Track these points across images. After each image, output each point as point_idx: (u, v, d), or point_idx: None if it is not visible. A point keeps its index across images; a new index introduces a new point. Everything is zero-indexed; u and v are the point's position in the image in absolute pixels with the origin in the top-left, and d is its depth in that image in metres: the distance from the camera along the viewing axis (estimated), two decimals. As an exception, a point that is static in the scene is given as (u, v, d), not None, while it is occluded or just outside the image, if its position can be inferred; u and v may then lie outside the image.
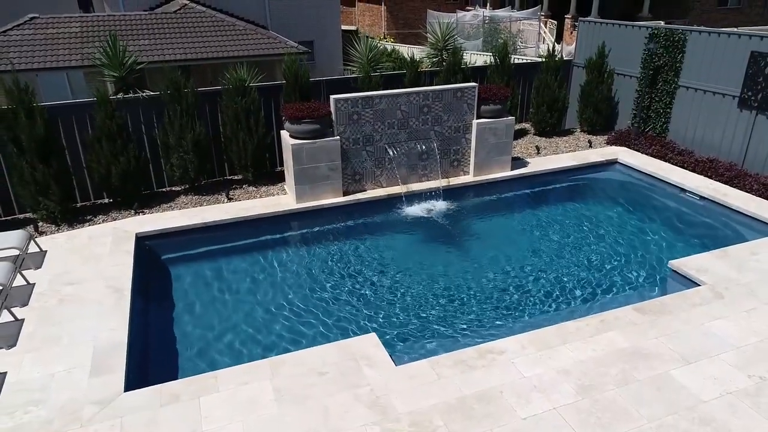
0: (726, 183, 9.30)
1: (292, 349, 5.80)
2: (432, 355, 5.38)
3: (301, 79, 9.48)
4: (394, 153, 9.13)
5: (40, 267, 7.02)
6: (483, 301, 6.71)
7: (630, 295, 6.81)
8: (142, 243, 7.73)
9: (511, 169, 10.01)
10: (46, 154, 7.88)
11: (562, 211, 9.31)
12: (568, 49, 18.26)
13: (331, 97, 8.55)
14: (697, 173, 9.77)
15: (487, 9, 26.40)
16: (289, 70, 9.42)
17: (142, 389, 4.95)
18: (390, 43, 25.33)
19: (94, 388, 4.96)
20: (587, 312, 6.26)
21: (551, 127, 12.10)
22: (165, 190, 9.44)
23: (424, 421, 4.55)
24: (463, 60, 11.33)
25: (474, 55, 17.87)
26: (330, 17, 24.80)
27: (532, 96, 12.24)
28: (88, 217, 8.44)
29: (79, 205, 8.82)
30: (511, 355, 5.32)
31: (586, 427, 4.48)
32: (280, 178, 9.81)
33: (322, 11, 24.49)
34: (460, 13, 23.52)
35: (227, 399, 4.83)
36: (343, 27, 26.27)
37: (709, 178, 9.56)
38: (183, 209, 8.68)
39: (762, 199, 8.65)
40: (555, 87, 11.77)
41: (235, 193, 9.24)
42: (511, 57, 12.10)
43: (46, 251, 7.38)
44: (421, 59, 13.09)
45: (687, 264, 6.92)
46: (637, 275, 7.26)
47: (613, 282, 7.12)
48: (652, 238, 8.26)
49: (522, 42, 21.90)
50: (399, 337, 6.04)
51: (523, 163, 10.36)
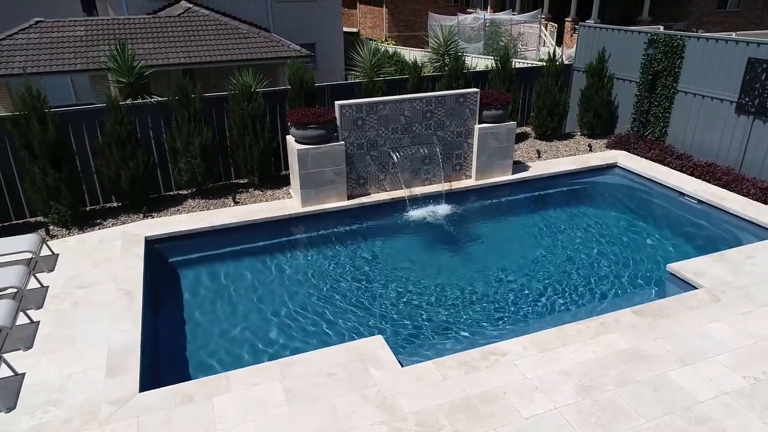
0: (724, 187, 9.46)
1: (300, 349, 5.98)
2: (437, 357, 5.54)
3: (306, 85, 9.64)
4: (397, 157, 9.29)
5: (53, 270, 7.18)
6: (485, 303, 6.87)
7: (629, 297, 6.97)
8: (152, 246, 7.90)
9: (513, 173, 10.17)
10: (58, 159, 8.05)
11: (563, 214, 9.46)
12: (568, 52, 18.41)
13: (336, 103, 8.71)
14: (696, 177, 9.93)
15: (488, 12, 26.57)
16: (294, 76, 9.59)
17: (157, 390, 5.12)
18: (391, 45, 25.47)
19: (110, 388, 5.13)
20: (587, 314, 6.41)
21: (552, 130, 12.27)
22: (172, 193, 9.61)
23: (430, 421, 4.71)
24: (464, 65, 11.50)
25: (475, 59, 18.03)
26: (331, 20, 24.97)
27: (533, 100, 12.41)
28: (98, 220, 8.60)
29: (88, 208, 8.99)
30: (513, 357, 5.48)
31: (586, 427, 4.65)
32: (285, 182, 9.98)
33: (324, 14, 24.66)
34: (461, 16, 23.69)
35: (239, 399, 4.99)
36: (345, 29, 26.44)
37: (707, 182, 9.72)
38: (191, 213, 8.84)
39: (759, 203, 8.81)
40: (556, 91, 11.93)
41: (241, 196, 9.41)
42: (512, 61, 12.27)
43: (58, 254, 7.55)
44: (423, 64, 13.27)
45: (685, 267, 7.09)
46: (636, 278, 7.43)
47: (613, 285, 7.29)
48: (650, 241, 8.42)
49: (523, 45, 22.06)
50: (404, 338, 6.21)
51: (525, 167, 10.52)
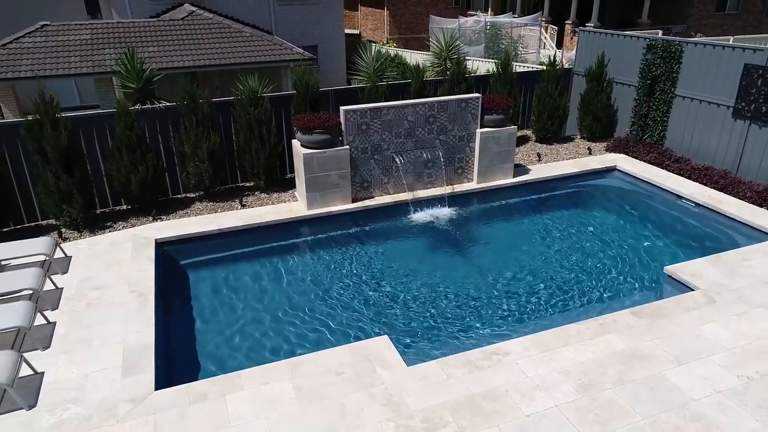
0: (720, 190, 9.65)
1: (308, 347, 6.19)
2: (441, 356, 5.73)
3: (311, 90, 9.83)
4: (401, 161, 9.49)
5: (66, 272, 7.38)
6: (487, 304, 7.07)
7: (627, 299, 7.17)
8: (162, 248, 8.09)
9: (514, 176, 10.37)
10: (70, 163, 8.24)
11: (563, 217, 9.65)
12: (568, 55, 18.62)
13: (341, 108, 8.90)
14: (693, 180, 10.13)
15: (489, 15, 26.76)
16: (299, 81, 9.78)
17: (172, 388, 5.31)
18: (393, 47, 25.66)
19: (126, 387, 5.32)
20: (587, 315, 6.60)
21: (552, 134, 12.46)
22: (180, 196, 9.80)
23: (435, 418, 4.91)
24: (466, 69, 11.69)
25: (476, 62, 18.22)
26: (333, 22, 25.15)
27: (534, 104, 12.60)
28: (108, 223, 8.80)
29: (98, 211, 9.18)
30: (515, 357, 5.68)
31: (585, 424, 4.84)
32: (290, 185, 10.17)
33: (326, 16, 24.85)
34: (462, 19, 23.89)
35: (251, 397, 5.19)
36: (346, 31, 26.62)
37: (705, 185, 9.91)
38: (199, 216, 9.04)
39: (755, 206, 9.00)
40: (556, 96, 12.13)
41: (248, 199, 9.60)
42: (512, 66, 12.46)
43: (71, 257, 7.74)
44: (425, 68, 13.46)
45: (682, 269, 7.28)
46: (634, 280, 7.62)
47: (612, 286, 7.48)
48: (648, 243, 8.61)
49: (523, 47, 22.26)
50: (409, 337, 6.40)
51: (525, 170, 10.71)
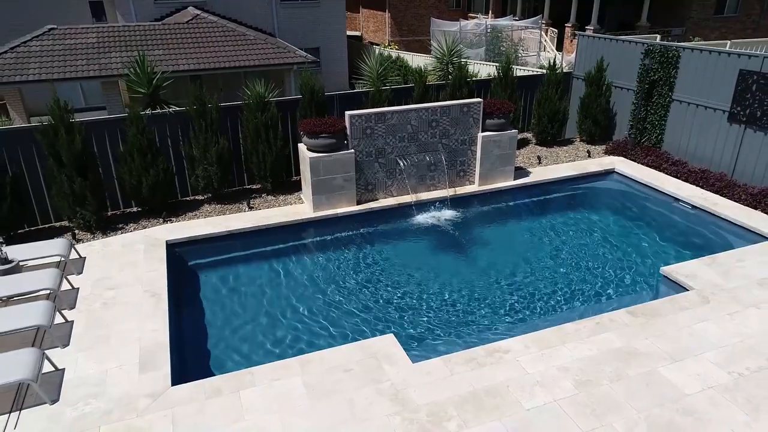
0: (716, 193, 9.89)
1: (315, 345, 6.46)
2: (445, 354, 5.97)
3: (316, 95, 10.08)
4: (404, 165, 9.73)
5: (81, 272, 7.62)
6: (488, 303, 7.31)
7: (624, 298, 7.41)
8: (173, 250, 8.33)
9: (514, 179, 10.61)
10: (83, 167, 8.49)
11: (562, 219, 9.89)
12: (568, 58, 18.84)
13: (347, 113, 9.15)
14: (690, 183, 10.36)
15: (490, 17, 26.99)
16: (305, 86, 10.02)
17: (188, 384, 5.56)
18: (394, 50, 25.90)
19: (144, 382, 5.56)
20: (585, 314, 6.84)
21: (552, 137, 12.70)
22: (189, 198, 10.05)
23: (439, 412, 5.15)
24: (468, 74, 11.92)
25: (477, 65, 18.44)
26: (335, 24, 25.39)
27: (534, 107, 12.84)
28: (120, 225, 9.04)
29: (109, 213, 9.42)
30: (515, 354, 5.92)
31: (582, 418, 5.08)
32: (296, 188, 10.41)
33: (328, 18, 25.09)
34: (463, 22, 24.12)
35: (264, 393, 5.43)
36: (348, 33, 26.85)
37: (701, 187, 10.15)
38: (207, 217, 9.28)
39: (750, 209, 9.24)
40: (556, 100, 12.37)
41: (255, 202, 9.84)
42: (513, 70, 12.70)
43: (85, 258, 7.99)
44: (428, 72, 13.69)
45: (677, 270, 7.52)
46: (631, 280, 7.86)
47: (609, 286, 7.72)
48: (646, 245, 8.85)
49: (523, 50, 22.49)
50: (413, 335, 6.64)
51: (526, 173, 10.95)
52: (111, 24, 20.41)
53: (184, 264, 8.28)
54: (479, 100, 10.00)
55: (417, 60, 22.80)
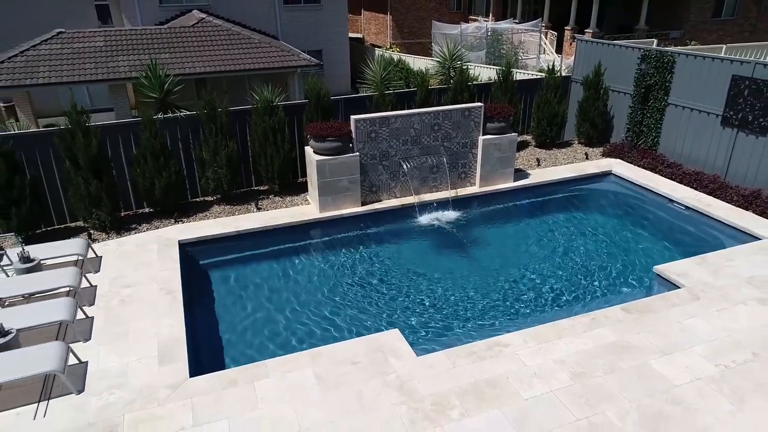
0: (710, 194, 10.21)
1: (322, 339, 6.79)
2: (447, 348, 6.29)
3: (322, 99, 10.41)
4: (407, 167, 10.05)
5: (99, 271, 7.95)
6: (488, 300, 7.64)
7: (618, 295, 7.73)
8: (185, 249, 8.66)
9: (514, 181, 10.94)
10: (99, 169, 8.82)
11: (560, 219, 10.22)
12: (567, 61, 19.16)
13: (352, 117, 9.47)
14: (684, 185, 10.68)
15: (490, 20, 27.31)
16: (312, 91, 10.35)
17: (205, 375, 5.88)
18: (396, 52, 26.23)
19: (164, 374, 5.89)
20: (581, 311, 7.17)
21: (551, 139, 13.02)
22: (199, 200, 10.38)
23: (443, 402, 5.47)
24: (469, 77, 12.24)
25: (478, 68, 18.77)
26: (338, 27, 25.74)
27: (534, 111, 13.16)
28: (133, 225, 9.37)
29: (123, 214, 9.75)
30: (515, 348, 6.24)
31: (577, 407, 5.41)
32: (301, 189, 10.74)
33: (330, 21, 25.43)
34: (464, 25, 24.44)
35: (277, 384, 5.75)
36: (350, 35, 27.18)
37: (695, 189, 10.47)
38: (217, 218, 9.61)
39: (742, 210, 9.56)
40: (554, 103, 12.69)
41: (263, 203, 10.17)
42: (513, 74, 13.02)
43: (101, 257, 8.32)
44: (430, 75, 14.02)
45: (670, 269, 7.85)
46: (625, 278, 8.19)
47: (604, 284, 8.05)
48: (640, 244, 9.18)
49: (524, 53, 22.81)
50: (417, 330, 6.96)
51: (525, 175, 11.28)
52: (118, 28, 20.74)
53: (196, 263, 8.61)
54: (480, 104, 10.33)
55: (418, 63, 23.15)
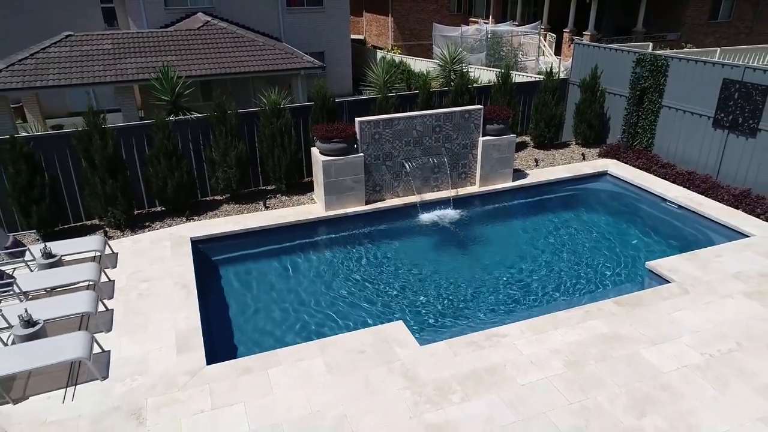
0: (702, 194, 10.58)
1: (332, 329, 7.18)
2: (449, 338, 6.67)
3: (328, 102, 10.78)
4: (410, 167, 10.43)
5: (116, 267, 8.33)
6: (488, 293, 8.01)
7: (612, 290, 8.11)
8: (197, 246, 9.04)
9: (513, 181, 11.31)
10: (114, 169, 9.20)
11: (557, 217, 10.59)
12: (565, 63, 19.52)
13: (356, 119, 9.85)
14: (678, 184, 11.06)
15: (490, 22, 27.67)
16: (318, 93, 10.72)
17: (220, 363, 6.26)
18: (397, 54, 26.60)
19: (182, 362, 6.27)
20: (575, 304, 7.54)
21: (549, 140, 13.40)
22: (209, 199, 10.75)
23: (444, 387, 5.85)
24: (469, 80, 12.61)
25: (478, 70, 19.14)
26: (340, 29, 26.14)
27: (532, 112, 13.53)
28: (147, 223, 9.75)
29: (136, 212, 10.12)
30: (512, 338, 6.61)
31: (570, 392, 5.78)
32: (307, 189, 11.12)
33: (333, 23, 25.83)
34: (464, 28, 24.82)
35: (289, 371, 6.13)
36: (351, 36, 27.54)
37: (688, 189, 10.84)
38: (227, 216, 9.99)
39: (732, 209, 9.93)
40: (552, 105, 13.07)
41: (270, 202, 10.55)
42: (512, 76, 13.39)
43: (117, 253, 8.69)
44: (431, 77, 14.38)
45: (661, 264, 8.22)
46: (619, 274, 8.56)
47: (599, 279, 8.42)
48: (634, 242, 9.55)
49: (523, 55, 23.19)
50: (420, 321, 7.34)
51: (523, 175, 11.66)
52: (125, 31, 21.11)
53: (207, 259, 8.99)
54: (480, 107, 10.70)
55: (420, 65, 23.52)
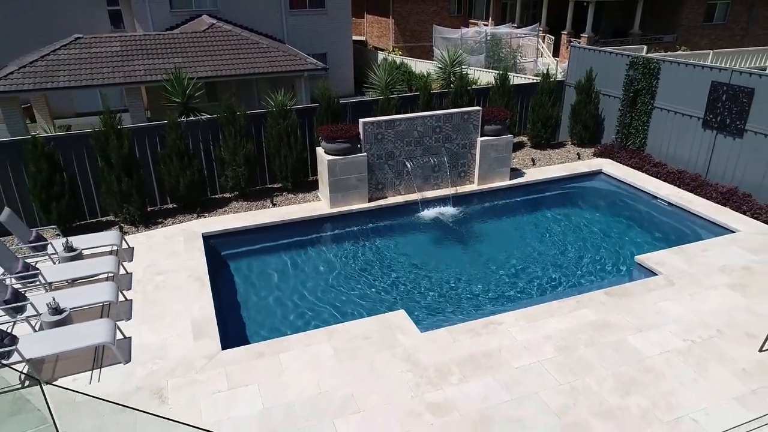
0: (691, 191, 11.03)
1: (338, 317, 7.63)
2: (448, 325, 7.11)
3: (332, 104, 11.23)
4: (411, 166, 10.87)
5: (132, 260, 8.78)
6: (485, 285, 8.45)
7: (603, 282, 8.55)
8: (208, 241, 9.48)
9: (510, 179, 11.76)
10: (129, 168, 9.65)
11: (553, 214, 11.03)
12: (563, 65, 19.96)
13: (360, 120, 10.30)
14: (669, 183, 11.50)
15: (490, 24, 28.10)
16: (323, 96, 11.17)
17: (235, 348, 6.70)
18: (398, 55, 27.04)
19: (199, 347, 6.71)
20: (567, 295, 7.97)
21: (545, 140, 13.84)
22: (218, 196, 11.20)
23: (444, 369, 6.29)
24: (469, 82, 13.05)
25: (478, 72, 19.58)
26: (342, 31, 26.57)
27: (529, 113, 13.97)
28: (159, 220, 10.20)
29: (149, 209, 10.57)
30: (508, 326, 7.06)
31: (561, 374, 6.22)
32: (312, 187, 11.56)
33: (335, 25, 26.26)
34: (464, 30, 25.27)
35: (298, 356, 6.57)
36: (353, 38, 27.98)
37: (678, 187, 11.29)
38: (236, 213, 10.43)
39: (719, 206, 10.37)
40: (549, 106, 13.51)
41: (277, 199, 10.99)
42: (510, 78, 13.83)
43: (133, 248, 9.14)
44: (431, 79, 14.82)
45: (649, 258, 8.66)
46: (610, 267, 9.01)
47: (590, 271, 8.87)
48: (625, 237, 10.00)
49: (522, 56, 23.64)
50: (421, 310, 7.78)
51: (520, 174, 12.10)
52: (133, 33, 21.55)
53: (218, 253, 9.43)
54: (478, 108, 11.15)
55: (420, 66, 23.96)
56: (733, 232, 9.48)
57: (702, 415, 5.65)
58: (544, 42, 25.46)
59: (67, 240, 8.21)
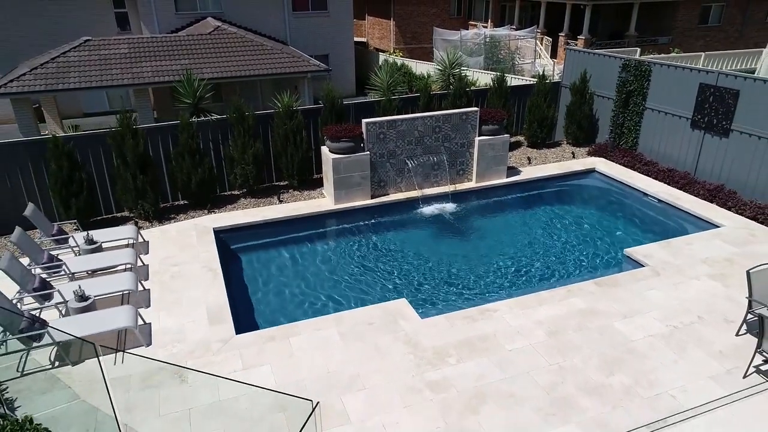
0: (680, 189, 11.52)
1: (346, 305, 8.14)
2: (446, 312, 7.61)
3: (336, 104, 11.73)
4: (411, 164, 11.37)
5: (148, 253, 9.27)
6: (482, 276, 8.95)
7: (592, 272, 9.04)
8: (219, 235, 9.98)
9: (507, 177, 12.26)
10: (144, 166, 10.15)
11: (548, 210, 11.52)
12: (560, 66, 20.44)
13: (363, 120, 10.80)
14: (659, 181, 11.99)
15: (489, 26, 28.59)
16: (328, 97, 11.67)
17: (248, 333, 7.20)
18: (399, 56, 27.53)
19: (215, 332, 7.21)
20: (559, 284, 8.47)
21: (541, 140, 14.34)
22: (227, 193, 11.70)
23: (442, 351, 6.79)
24: (467, 83, 13.55)
25: (477, 73, 20.07)
26: (344, 32, 27.07)
27: (526, 114, 14.47)
28: (172, 215, 10.70)
29: (161, 205, 11.07)
30: (502, 313, 7.56)
31: (550, 356, 6.72)
32: (317, 184, 12.06)
33: (337, 27, 26.76)
34: (464, 32, 25.77)
35: (308, 339, 7.07)
36: (354, 39, 28.48)
37: (668, 184, 11.78)
38: (245, 209, 10.93)
39: (706, 202, 10.87)
40: (545, 107, 14.01)
41: (283, 196, 11.49)
42: (507, 80, 14.33)
43: (148, 241, 9.64)
44: (431, 80, 15.32)
45: (637, 251, 9.16)
46: (600, 259, 9.50)
47: (581, 263, 9.36)
48: (616, 231, 10.49)
49: (520, 58, 24.13)
50: (421, 299, 8.27)
51: (517, 172, 12.60)
52: (141, 36, 22.04)
53: (229, 246, 9.93)
54: (476, 109, 11.65)
55: (421, 67, 24.46)
56: (718, 227, 9.97)
57: (680, 392, 6.14)
58: (542, 44, 25.96)
59: (87, 233, 8.71)
